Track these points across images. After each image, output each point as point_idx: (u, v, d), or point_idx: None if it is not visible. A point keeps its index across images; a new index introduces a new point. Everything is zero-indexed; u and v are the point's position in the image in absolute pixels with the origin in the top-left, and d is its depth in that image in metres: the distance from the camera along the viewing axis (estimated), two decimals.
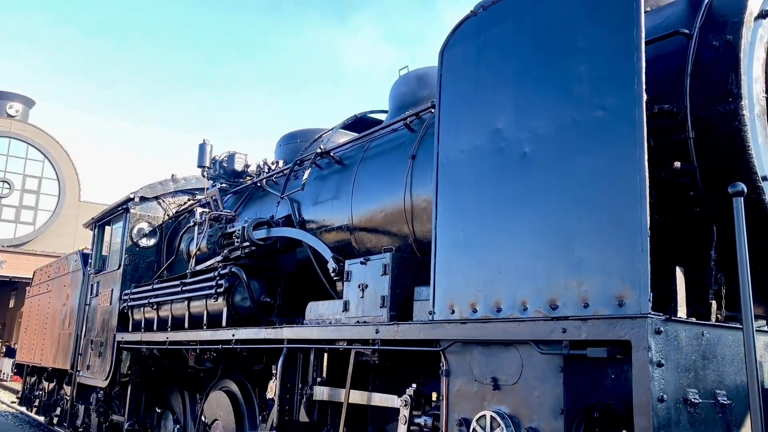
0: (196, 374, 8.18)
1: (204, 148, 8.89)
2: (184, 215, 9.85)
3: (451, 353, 3.88)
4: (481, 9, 4.25)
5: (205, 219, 7.86)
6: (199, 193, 9.95)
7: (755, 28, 3.47)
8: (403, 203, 5.26)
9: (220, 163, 8.58)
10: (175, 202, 10.38)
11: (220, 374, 7.37)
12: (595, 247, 3.16)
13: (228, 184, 8.55)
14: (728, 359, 3.06)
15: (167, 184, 10.46)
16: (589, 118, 3.34)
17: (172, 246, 9.77)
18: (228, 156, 8.55)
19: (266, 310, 6.73)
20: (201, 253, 7.98)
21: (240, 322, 6.64)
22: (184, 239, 9.25)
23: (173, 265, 9.53)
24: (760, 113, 3.38)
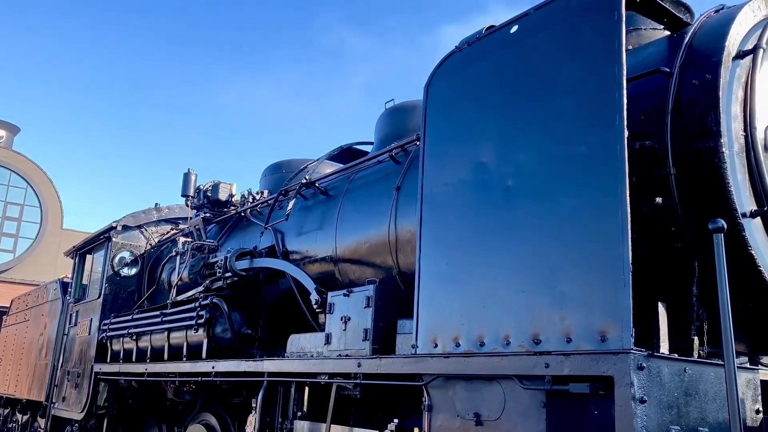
0: (174, 407, 8.02)
1: (188, 178, 8.85)
2: (166, 245, 9.76)
3: (433, 388, 3.83)
4: (466, 45, 4.30)
5: (188, 249, 7.79)
6: (183, 222, 9.89)
7: (733, 68, 3.53)
8: (388, 235, 5.25)
9: (204, 193, 8.53)
10: (158, 231, 10.30)
11: (199, 407, 7.23)
12: (578, 281, 3.16)
13: (212, 214, 8.50)
14: (710, 396, 3.05)
15: (150, 213, 10.39)
16: (572, 153, 3.37)
17: (153, 275, 9.66)
18: (212, 186, 8.51)
19: (247, 341, 6.65)
20: (182, 283, 7.89)
21: (220, 354, 6.55)
22: (165, 269, 9.15)
23: (154, 295, 9.41)
24: (739, 151, 3.43)
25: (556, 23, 3.67)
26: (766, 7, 3.90)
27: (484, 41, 4.20)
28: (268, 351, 6.48)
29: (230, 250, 6.84)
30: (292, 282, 6.16)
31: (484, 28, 4.32)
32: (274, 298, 6.84)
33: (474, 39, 4.27)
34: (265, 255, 6.65)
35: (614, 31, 3.27)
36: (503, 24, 4.10)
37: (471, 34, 4.34)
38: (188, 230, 8.79)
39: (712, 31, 3.73)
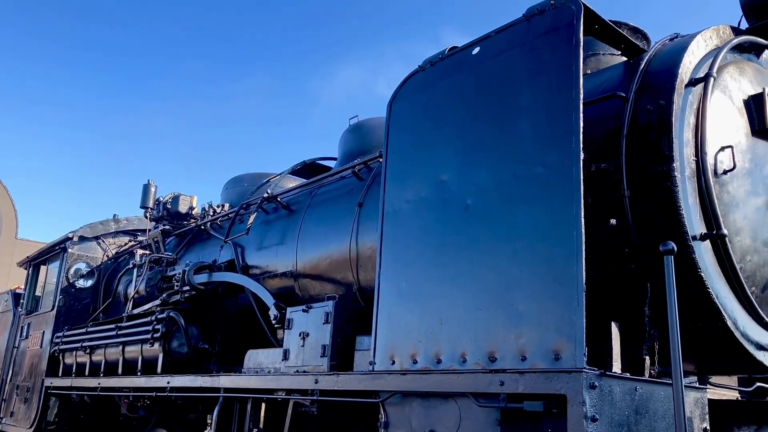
0: (128, 423, 7.85)
1: (148, 189, 8.74)
2: (124, 257, 9.60)
3: (390, 405, 3.83)
4: (429, 64, 4.36)
5: (145, 261, 7.67)
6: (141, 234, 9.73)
7: (686, 95, 3.65)
8: (349, 251, 5.25)
9: (164, 205, 8.43)
10: (115, 243, 10.12)
11: (153, 423, 7.09)
12: (534, 299, 3.20)
13: (171, 227, 8.38)
14: (660, 414, 3.10)
15: (108, 225, 10.21)
16: (530, 173, 3.42)
17: (110, 288, 9.47)
18: (172, 198, 8.41)
19: (204, 356, 6.55)
20: (139, 296, 7.76)
21: (176, 369, 6.44)
22: (122, 281, 8.99)
23: (110, 308, 9.22)
24: (691, 175, 3.52)
25: (517, 46, 3.74)
26: (717, 37, 4.04)
27: (446, 61, 4.25)
28: (226, 366, 6.40)
29: (189, 263, 6.76)
30: (251, 297, 6.10)
31: (447, 48, 4.37)
32: (232, 313, 6.76)
33: (437, 59, 4.32)
34: (225, 269, 6.58)
35: (572, 55, 3.35)
36: (465, 45, 4.17)
37: (434, 54, 4.39)
38: (147, 242, 8.65)
39: (666, 59, 3.85)
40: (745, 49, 4.22)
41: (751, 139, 3.86)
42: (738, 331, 3.54)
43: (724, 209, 3.56)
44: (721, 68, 3.83)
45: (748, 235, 3.68)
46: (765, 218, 3.80)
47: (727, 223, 3.54)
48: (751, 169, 3.80)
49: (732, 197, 3.66)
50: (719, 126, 3.71)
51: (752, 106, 3.91)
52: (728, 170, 3.63)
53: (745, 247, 3.65)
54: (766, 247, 3.77)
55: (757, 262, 3.70)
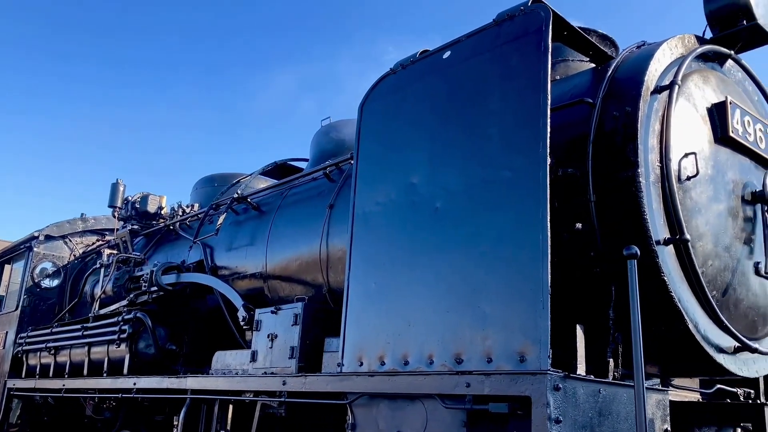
0: (93, 424, 7.73)
1: (116, 188, 8.64)
2: (91, 256, 9.46)
3: (357, 406, 3.83)
4: (400, 67, 4.38)
5: (113, 261, 7.57)
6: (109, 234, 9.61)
7: (651, 102, 3.71)
8: (319, 252, 5.24)
9: (133, 204, 8.33)
10: (83, 243, 9.97)
11: (119, 425, 6.99)
12: (500, 302, 3.23)
13: (140, 226, 8.29)
14: (623, 416, 3.15)
15: (76, 224, 10.05)
16: (498, 177, 3.46)
17: (76, 288, 9.33)
18: (141, 197, 8.32)
19: (171, 357, 6.49)
20: (106, 297, 7.66)
21: (143, 370, 6.37)
22: (89, 281, 8.86)
23: (76, 308, 9.08)
24: (655, 181, 3.59)
25: (487, 51, 3.78)
26: (682, 46, 4.12)
27: (417, 65, 4.28)
28: (193, 368, 6.35)
29: (157, 263, 6.69)
30: (220, 298, 6.06)
31: (418, 52, 4.40)
32: (200, 314, 6.71)
33: (408, 62, 4.35)
34: (193, 270, 6.53)
35: (540, 61, 3.39)
36: (437, 49, 4.20)
37: (405, 57, 4.41)
38: (114, 242, 8.55)
39: (633, 66, 3.91)
40: (709, 58, 4.32)
41: (714, 146, 3.95)
42: (699, 334, 3.61)
43: (687, 215, 3.63)
44: (686, 76, 3.91)
45: (710, 241, 3.76)
46: (726, 224, 3.89)
47: (690, 228, 3.61)
48: (713, 176, 3.88)
49: (695, 203, 3.73)
50: (683, 133, 3.78)
51: (715, 114, 4.00)
52: (691, 176, 3.70)
53: (707, 251, 3.73)
54: (727, 252, 3.85)
55: (718, 267, 3.78)
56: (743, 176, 4.08)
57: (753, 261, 4.00)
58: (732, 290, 3.86)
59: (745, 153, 4.13)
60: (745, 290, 3.95)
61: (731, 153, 4.04)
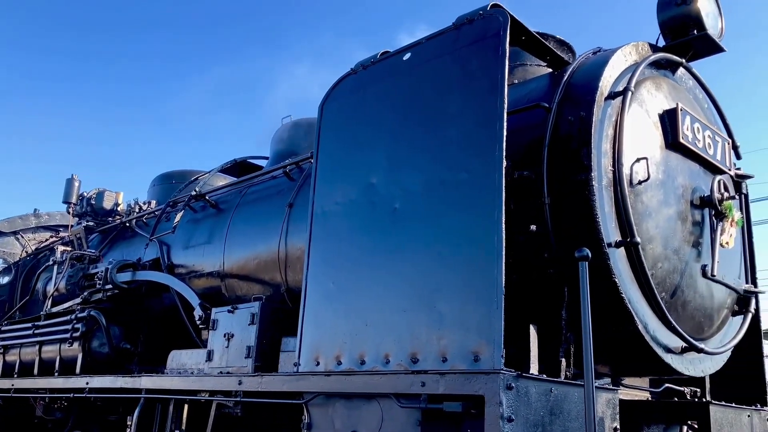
0: (43, 425, 7.55)
1: (71, 184, 8.46)
2: (44, 253, 9.24)
3: (314, 406, 3.83)
4: (361, 68, 4.39)
5: (67, 258, 7.42)
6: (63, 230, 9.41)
7: (605, 108, 3.80)
8: (278, 252, 5.22)
9: (88, 201, 8.17)
10: (35, 239, 9.75)
11: (71, 425, 6.84)
12: (456, 302, 3.27)
13: (95, 223, 8.14)
14: (573, 415, 3.22)
15: (28, 219, 9.83)
16: (455, 178, 3.50)
17: (28, 285, 9.10)
18: (97, 193, 8.17)
19: (126, 357, 6.39)
20: (59, 294, 7.49)
21: (96, 370, 6.25)
22: (41, 278, 8.66)
23: (28, 306, 8.86)
24: (608, 185, 3.67)
25: (446, 54, 3.82)
26: (636, 53, 4.23)
27: (378, 65, 4.30)
28: (148, 367, 6.26)
29: (112, 261, 6.58)
30: (176, 296, 5.99)
31: (379, 52, 4.42)
32: (156, 313, 6.62)
33: (369, 63, 4.36)
34: (149, 267, 6.44)
35: (498, 65, 3.45)
36: (397, 50, 4.22)
37: (366, 58, 4.43)
38: (68, 239, 8.37)
39: (588, 72, 4.00)
40: (662, 65, 4.43)
41: (665, 152, 4.06)
42: (648, 334, 3.71)
43: (638, 218, 3.72)
44: (639, 83, 4.01)
45: (660, 243, 3.86)
46: (675, 227, 4.00)
47: (641, 231, 3.71)
48: (664, 180, 3.99)
49: (646, 207, 3.83)
50: (635, 138, 3.88)
51: (666, 120, 4.11)
52: (643, 181, 3.80)
53: (657, 254, 3.83)
54: (676, 254, 3.96)
55: (668, 269, 3.89)
56: (692, 181, 4.20)
57: (700, 264, 4.13)
58: (680, 292, 3.98)
59: (695, 159, 4.25)
60: (692, 292, 4.07)
61: (681, 158, 4.16)
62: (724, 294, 4.36)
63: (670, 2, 4.45)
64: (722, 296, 4.35)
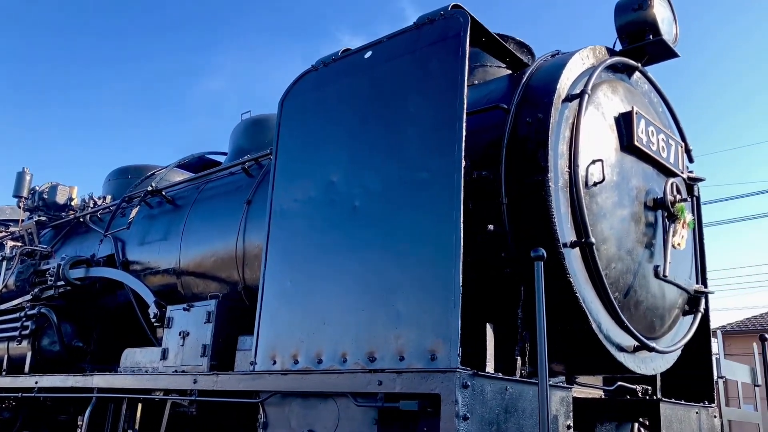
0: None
1: (22, 177, 8.22)
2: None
3: (270, 405, 3.80)
4: (322, 65, 4.36)
5: (17, 253, 7.20)
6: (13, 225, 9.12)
7: (562, 110, 3.85)
8: (235, 249, 5.16)
9: (40, 195, 7.95)
10: None
11: (19, 425, 6.67)
12: (413, 301, 3.28)
13: (47, 218, 7.92)
14: (528, 413, 3.26)
15: None
16: (415, 178, 3.51)
17: None
18: (50, 187, 7.96)
19: (78, 355, 6.25)
20: (7, 291, 7.26)
21: (47, 368, 6.10)
22: None
23: None
24: (564, 186, 3.73)
25: (407, 53, 3.82)
26: (593, 57, 4.29)
27: (339, 63, 4.28)
28: (101, 366, 6.13)
29: (65, 257, 6.42)
30: (131, 294, 5.87)
31: (340, 50, 4.40)
32: (110, 311, 6.48)
33: (330, 60, 4.34)
34: (104, 264, 6.30)
35: (458, 66, 3.46)
36: (358, 48, 4.21)
37: (327, 55, 4.41)
38: (19, 234, 8.13)
39: (546, 74, 4.05)
40: (618, 69, 4.51)
41: (620, 154, 4.13)
42: (602, 333, 3.77)
43: (592, 219, 3.79)
44: (596, 86, 4.08)
45: (614, 244, 3.93)
46: (629, 228, 4.08)
47: (595, 232, 3.77)
48: (618, 182, 4.06)
49: (600, 208, 3.90)
50: (591, 140, 3.94)
51: (622, 123, 4.18)
52: (598, 182, 3.86)
53: (611, 255, 3.90)
54: (629, 255, 4.04)
55: (621, 270, 3.97)
56: (646, 183, 4.29)
57: (653, 264, 4.22)
58: (633, 292, 4.06)
59: (649, 161, 4.34)
60: (645, 292, 4.16)
61: (636, 161, 4.24)
62: (675, 294, 4.47)
63: (627, 7, 4.53)
64: (673, 296, 4.45)
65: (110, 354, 6.18)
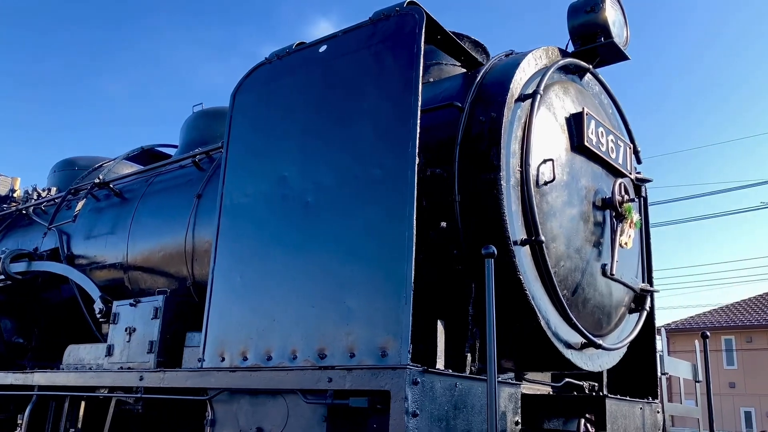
0: None
1: None
2: None
3: (218, 402, 3.74)
4: (276, 58, 4.31)
5: None
6: None
7: (515, 109, 3.89)
8: (185, 244, 5.06)
9: None
10: None
11: None
12: (365, 297, 3.27)
13: None
14: (477, 409, 3.28)
15: None
16: (368, 174, 3.49)
17: None
18: None
19: (18, 352, 6.05)
20: None
21: None
22: None
23: None
24: (515, 184, 3.76)
25: (362, 48, 3.80)
26: (546, 57, 4.35)
27: (293, 56, 4.23)
28: (43, 362, 5.95)
29: (5, 250, 6.22)
30: (76, 289, 5.72)
31: (294, 43, 4.35)
32: (54, 306, 6.30)
33: (284, 53, 4.29)
34: (47, 258, 6.12)
35: (412, 63, 3.46)
36: (313, 42, 4.17)
37: (281, 48, 4.35)
38: None
39: (500, 74, 4.08)
40: (570, 70, 4.58)
41: (570, 154, 4.19)
42: (550, 330, 3.82)
43: (543, 217, 3.83)
44: (548, 87, 4.13)
45: (563, 243, 3.99)
46: (578, 227, 4.14)
47: (545, 230, 3.82)
48: (568, 182, 4.12)
49: (550, 207, 3.95)
50: (543, 140, 3.99)
51: (573, 123, 4.25)
52: (549, 181, 3.91)
53: (560, 253, 3.95)
54: (578, 254, 4.11)
55: (570, 268, 4.03)
56: (595, 183, 4.36)
57: (601, 263, 4.30)
58: (581, 290, 4.12)
59: (598, 162, 4.42)
60: (592, 290, 4.23)
61: (585, 161, 4.31)
62: (622, 292, 4.56)
63: (580, 9, 4.61)
64: (620, 294, 4.55)
65: (53, 351, 6.00)
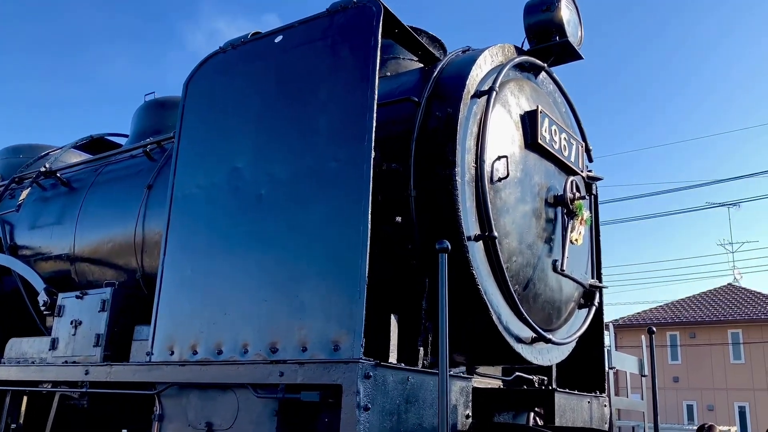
0: None
1: None
2: None
3: (166, 397, 3.67)
4: (230, 47, 4.24)
5: None
6: None
7: (471, 106, 3.91)
8: (134, 235, 4.95)
9: None
10: None
11: None
12: (318, 291, 3.25)
13: None
14: (428, 403, 3.29)
15: None
16: (324, 167, 3.47)
17: None
18: None
19: None
20: None
21: None
22: None
23: None
24: (470, 180, 3.78)
25: (318, 40, 3.77)
26: (502, 55, 4.38)
27: (248, 46, 4.17)
28: None
29: None
30: (19, 280, 5.54)
31: (250, 33, 4.28)
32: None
33: (239, 42, 4.22)
34: None
35: (369, 56, 3.44)
36: (269, 32, 4.12)
37: (236, 37, 4.28)
38: None
39: (456, 70, 4.09)
40: (526, 68, 4.63)
41: (524, 151, 4.24)
42: (501, 325, 3.86)
43: (496, 213, 3.87)
44: (503, 84, 4.16)
45: (515, 239, 4.03)
46: (530, 223, 4.19)
47: (498, 226, 3.85)
48: (522, 179, 4.16)
49: (504, 203, 3.98)
50: (497, 137, 4.02)
51: (527, 121, 4.29)
52: (502, 178, 3.95)
53: (512, 248, 4.00)
54: (530, 249, 4.16)
55: (521, 263, 4.08)
56: (548, 180, 4.42)
57: (552, 259, 4.36)
58: (532, 285, 4.18)
59: (551, 159, 4.48)
60: (543, 285, 4.29)
61: (539, 158, 4.36)
62: (571, 288, 4.64)
63: (536, 8, 4.65)
64: (570, 290, 4.62)
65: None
